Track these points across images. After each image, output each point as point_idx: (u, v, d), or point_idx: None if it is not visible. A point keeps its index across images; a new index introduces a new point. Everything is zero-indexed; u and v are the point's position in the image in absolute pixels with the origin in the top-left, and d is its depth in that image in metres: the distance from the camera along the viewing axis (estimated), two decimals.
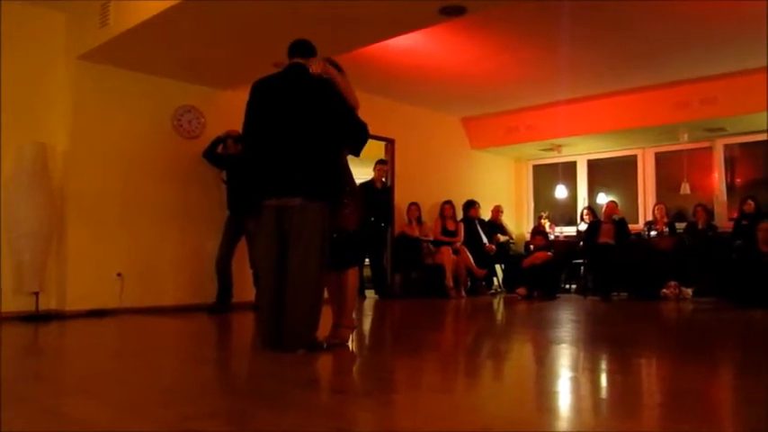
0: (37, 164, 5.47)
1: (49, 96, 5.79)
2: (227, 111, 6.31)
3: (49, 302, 5.60)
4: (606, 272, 7.99)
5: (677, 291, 7.51)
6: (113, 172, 5.96)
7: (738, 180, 9.02)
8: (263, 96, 3.53)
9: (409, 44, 6.35)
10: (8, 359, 3.64)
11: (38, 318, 5.29)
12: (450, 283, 8.12)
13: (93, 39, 5.47)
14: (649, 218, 8.89)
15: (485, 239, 8.97)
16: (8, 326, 4.91)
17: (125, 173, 6.04)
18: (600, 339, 4.56)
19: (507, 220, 9.99)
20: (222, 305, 6.13)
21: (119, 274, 5.85)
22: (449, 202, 8.76)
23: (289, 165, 3.40)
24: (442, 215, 8.71)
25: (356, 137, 3.60)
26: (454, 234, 8.64)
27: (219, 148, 6.42)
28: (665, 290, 7.57)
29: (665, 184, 9.47)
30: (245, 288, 6.24)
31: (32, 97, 5.70)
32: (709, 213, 8.43)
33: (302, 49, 3.60)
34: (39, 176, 5.46)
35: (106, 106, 5.96)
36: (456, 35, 6.27)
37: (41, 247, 5.44)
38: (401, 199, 8.55)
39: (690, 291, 7.55)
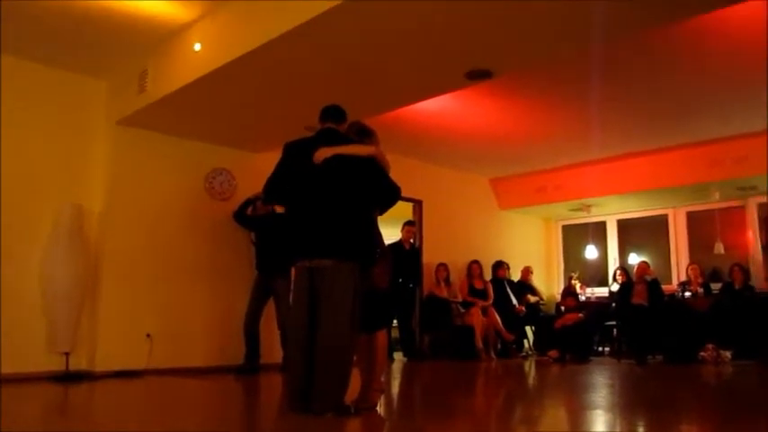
0: (74, 225, 5.60)
1: (86, 159, 5.97)
2: (259, 173, 6.33)
3: (79, 362, 5.63)
4: (640, 334, 7.78)
5: (715, 353, 7.26)
6: (147, 233, 6.07)
7: None
8: (297, 159, 3.60)
9: (437, 106, 6.46)
10: (37, 418, 3.65)
11: (68, 377, 5.31)
12: (479, 344, 7.99)
13: (132, 104, 5.69)
14: (683, 278, 8.70)
15: (514, 300, 8.85)
16: (39, 385, 4.94)
17: (158, 234, 6.15)
18: (637, 405, 4.41)
19: (537, 280, 9.87)
20: (250, 366, 6.10)
21: (148, 335, 5.88)
22: (476, 262, 8.68)
23: (322, 226, 3.44)
24: (470, 274, 8.64)
25: (388, 200, 3.65)
26: (482, 292, 8.54)
27: (249, 210, 6.53)
28: (702, 353, 7.33)
29: (698, 243, 9.31)
30: (272, 349, 6.22)
31: (71, 160, 5.88)
32: (746, 273, 8.23)
33: (334, 114, 3.72)
34: (75, 237, 5.58)
35: (142, 169, 6.13)
36: (483, 97, 6.37)
37: (75, 307, 5.51)
38: (430, 259, 8.52)
39: (728, 353, 7.29)
